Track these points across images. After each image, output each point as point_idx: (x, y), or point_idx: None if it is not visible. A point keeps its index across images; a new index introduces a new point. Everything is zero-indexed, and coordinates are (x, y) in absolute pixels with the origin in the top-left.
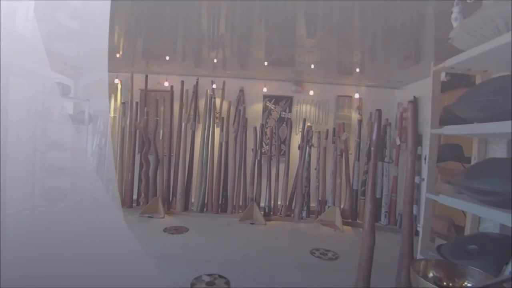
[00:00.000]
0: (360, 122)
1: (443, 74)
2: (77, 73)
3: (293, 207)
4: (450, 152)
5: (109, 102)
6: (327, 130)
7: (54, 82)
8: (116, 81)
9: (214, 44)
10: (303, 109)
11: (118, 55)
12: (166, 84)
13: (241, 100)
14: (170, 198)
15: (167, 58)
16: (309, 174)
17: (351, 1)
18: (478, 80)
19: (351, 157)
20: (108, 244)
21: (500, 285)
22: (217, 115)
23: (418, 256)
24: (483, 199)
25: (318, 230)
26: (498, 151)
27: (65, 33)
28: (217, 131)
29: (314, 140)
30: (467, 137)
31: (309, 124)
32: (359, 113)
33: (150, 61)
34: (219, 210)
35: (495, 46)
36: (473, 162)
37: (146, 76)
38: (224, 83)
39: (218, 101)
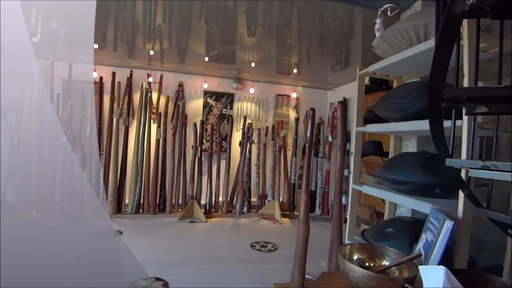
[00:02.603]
0: (297, 120)
1: (367, 78)
2: None
3: (234, 203)
4: (372, 147)
5: (24, 93)
6: (267, 127)
7: None
8: (33, 69)
9: (150, 35)
10: (244, 106)
11: (35, 39)
12: (95, 74)
13: (180, 95)
14: (100, 200)
15: (96, 46)
16: (249, 170)
17: (290, 1)
18: (394, 85)
19: (289, 153)
20: (25, 256)
21: (411, 261)
22: (154, 110)
23: (346, 241)
24: (398, 188)
25: (258, 224)
26: (410, 146)
27: None
28: (153, 127)
29: (255, 137)
30: (385, 134)
31: (249, 121)
32: (296, 112)
33: (75, 48)
34: (157, 210)
35: (407, 55)
36: (390, 156)
37: (70, 65)
38: (161, 76)
39: (154, 96)
